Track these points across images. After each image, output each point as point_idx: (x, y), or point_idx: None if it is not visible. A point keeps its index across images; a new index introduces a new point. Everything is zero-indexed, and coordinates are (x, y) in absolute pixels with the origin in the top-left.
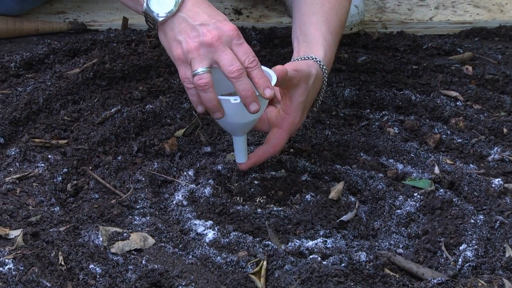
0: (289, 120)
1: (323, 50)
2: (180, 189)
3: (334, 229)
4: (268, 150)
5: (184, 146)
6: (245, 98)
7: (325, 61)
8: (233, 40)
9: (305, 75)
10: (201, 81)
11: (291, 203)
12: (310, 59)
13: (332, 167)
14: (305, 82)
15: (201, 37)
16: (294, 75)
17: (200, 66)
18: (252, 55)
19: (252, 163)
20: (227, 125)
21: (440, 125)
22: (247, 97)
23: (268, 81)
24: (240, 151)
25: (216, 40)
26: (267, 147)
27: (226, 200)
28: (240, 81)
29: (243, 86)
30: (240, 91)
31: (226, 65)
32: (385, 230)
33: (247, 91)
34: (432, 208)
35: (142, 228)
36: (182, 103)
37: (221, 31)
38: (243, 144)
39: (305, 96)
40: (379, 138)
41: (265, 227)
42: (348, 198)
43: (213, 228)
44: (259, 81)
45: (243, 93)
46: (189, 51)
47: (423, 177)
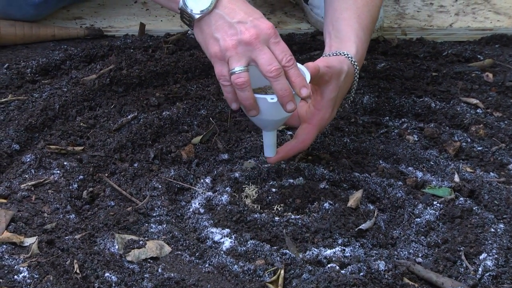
0: (319, 115)
1: (355, 47)
2: (197, 196)
3: (352, 238)
4: (297, 145)
5: (201, 153)
6: (283, 97)
7: (357, 57)
8: (271, 38)
9: (336, 72)
10: (239, 80)
11: (309, 211)
12: (341, 55)
13: (350, 175)
14: (337, 78)
15: (239, 35)
16: (325, 71)
17: (238, 65)
18: (289, 53)
19: (280, 157)
20: (260, 121)
21: (460, 133)
22: (285, 96)
23: (305, 80)
24: (269, 145)
25: (254, 38)
26: (296, 142)
27: (243, 208)
28: (278, 81)
29: (281, 86)
30: (278, 91)
31: (264, 64)
32: (404, 238)
33: (284, 91)
34: (451, 217)
35: (158, 236)
36: (199, 110)
37: (259, 29)
38: (273, 138)
39: (336, 92)
40: (398, 145)
41: (283, 236)
42: (366, 206)
43: (230, 236)
44: (295, 80)
45: (280, 93)
46: (227, 49)
47: (442, 185)
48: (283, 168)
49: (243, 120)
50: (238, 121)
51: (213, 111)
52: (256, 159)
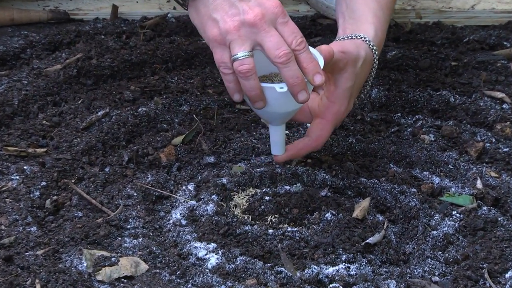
0: (333, 109)
1: (373, 28)
2: (178, 206)
3: (358, 253)
4: (310, 143)
5: (183, 156)
6: (294, 86)
7: (376, 41)
8: (278, 18)
9: (353, 58)
10: (243, 67)
11: (308, 222)
12: (358, 38)
13: (356, 180)
14: (353, 65)
15: (241, 15)
16: (340, 57)
17: (242, 50)
18: (299, 35)
19: (289, 156)
20: (267, 114)
21: (483, 132)
22: (296, 85)
23: (318, 65)
24: (277, 142)
25: (259, 19)
26: (308, 140)
27: (231, 219)
28: (288, 67)
29: (291, 72)
30: (288, 79)
31: (272, 48)
32: (419, 254)
33: (296, 78)
34: (473, 229)
35: (133, 251)
36: (181, 105)
37: (264, 8)
38: (281, 134)
39: (352, 82)
40: (412, 146)
41: (278, 251)
42: (375, 217)
43: (216, 252)
44: (308, 65)
45: (291, 81)
46: (228, 31)
47: (463, 192)
48: (278, 173)
49: (231, 117)
50: (226, 118)
51: (197, 107)
52: (246, 162)
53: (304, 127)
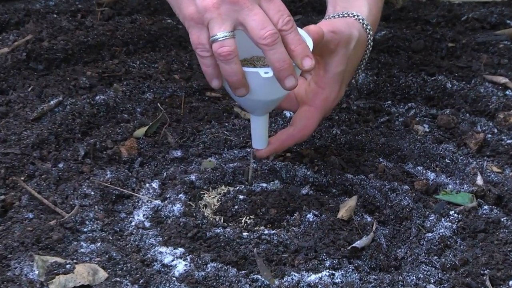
0: (323, 95)
1: (367, 5)
2: (141, 206)
3: (344, 259)
4: (295, 133)
5: (146, 150)
6: (280, 71)
7: (370, 19)
8: None
9: (344, 38)
10: (223, 49)
11: (287, 224)
12: (350, 16)
13: (341, 177)
14: (345, 46)
15: None
16: (330, 38)
17: (222, 30)
18: (286, 13)
19: (273, 149)
20: (249, 102)
21: (484, 121)
22: (283, 69)
23: (307, 48)
24: (259, 134)
25: None
26: (293, 129)
27: (201, 221)
28: (274, 49)
29: (278, 55)
30: (274, 62)
31: (255, 28)
32: (412, 259)
33: (283, 62)
34: (473, 231)
35: (90, 257)
36: (143, 93)
37: None
38: (263, 125)
39: (344, 65)
40: (404, 138)
41: (253, 257)
42: (363, 217)
43: (184, 258)
44: (296, 48)
45: (277, 65)
46: (206, 9)
47: (461, 189)
48: (253, 169)
49: (201, 106)
50: (195, 107)
51: (161, 94)
52: (218, 156)
53: (284, 116)
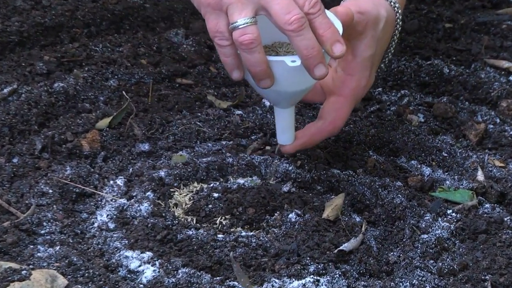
0: (352, 83)
1: None
2: (105, 205)
3: (330, 263)
4: (325, 127)
5: (110, 143)
6: (309, 59)
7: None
8: None
9: (372, 19)
10: (245, 37)
11: (267, 225)
12: None
13: (327, 172)
14: (373, 28)
15: None
16: (358, 19)
17: (242, 16)
18: None
19: (300, 144)
20: (273, 94)
21: (485, 110)
22: (312, 57)
23: (337, 32)
24: (285, 128)
25: None
26: (323, 123)
27: (171, 222)
28: (301, 35)
29: (306, 42)
30: (302, 50)
31: (280, 12)
32: (405, 264)
33: (311, 49)
34: (473, 232)
35: (49, 263)
36: (107, 80)
37: None
38: (289, 118)
39: (373, 49)
40: (396, 129)
41: (229, 261)
42: (351, 217)
43: (152, 263)
44: (325, 33)
45: (305, 52)
46: None
47: (460, 186)
48: (229, 164)
49: (170, 95)
50: (164, 95)
51: (127, 81)
52: (190, 150)
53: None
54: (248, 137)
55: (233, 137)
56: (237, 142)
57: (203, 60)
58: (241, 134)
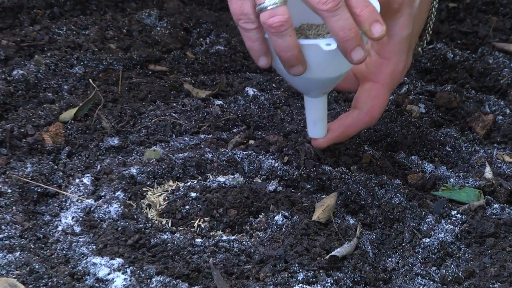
0: (389, 67)
1: None
2: (70, 206)
3: (321, 271)
4: (361, 118)
5: (76, 137)
6: (346, 41)
7: None
8: None
9: None
10: (275, 19)
11: (250, 228)
12: None
13: (317, 169)
14: (409, 5)
15: None
16: None
17: None
18: None
19: (334, 137)
20: (305, 81)
21: (493, 100)
22: (349, 40)
23: (376, 11)
24: (316, 120)
25: None
26: (359, 113)
27: (144, 225)
28: (337, 15)
29: (342, 22)
30: (338, 31)
31: None
32: (405, 271)
33: (348, 30)
34: (480, 235)
35: (8, 270)
36: (71, 67)
37: None
38: (321, 108)
39: (410, 28)
40: (395, 121)
41: (209, 268)
42: (344, 219)
43: (123, 271)
44: (362, 12)
45: (342, 34)
46: None
47: (466, 184)
48: (208, 160)
49: (143, 83)
50: (136, 84)
51: (94, 68)
52: (164, 144)
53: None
54: (230, 130)
55: (212, 130)
56: (217, 136)
57: (179, 44)
58: (222, 126)
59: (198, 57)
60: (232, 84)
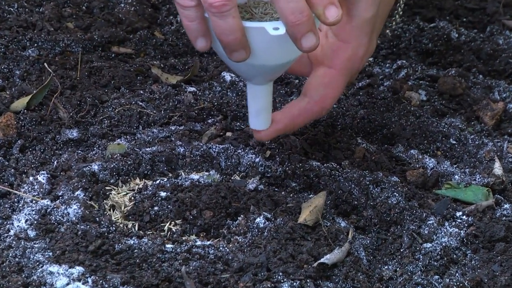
0: (347, 52)
1: None
2: (23, 208)
3: (308, 280)
4: (310, 107)
5: (29, 129)
6: (296, 26)
7: None
8: None
9: None
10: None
11: (228, 232)
12: None
13: (304, 165)
14: None
15: None
16: None
17: None
18: None
19: (278, 130)
20: (248, 68)
21: (503, 86)
22: (300, 24)
23: None
24: (259, 110)
25: None
26: (308, 102)
27: (108, 229)
28: None
29: (293, 4)
30: (288, 15)
31: None
32: (404, 280)
33: (299, 14)
34: (489, 240)
35: None
36: (24, 49)
37: None
38: (265, 97)
39: (375, 9)
40: (392, 110)
41: (181, 278)
42: (334, 222)
43: (84, 280)
44: None
45: (292, 18)
46: None
47: (472, 182)
48: (179, 155)
49: (105, 67)
50: (97, 68)
51: (49, 51)
52: (130, 137)
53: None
54: (204, 120)
55: (184, 121)
56: (189, 127)
57: (146, 23)
58: (195, 117)
59: (168, 38)
60: (207, 69)
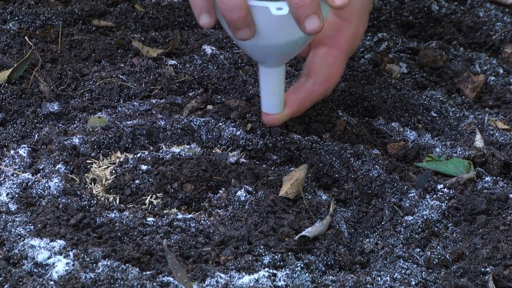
0: (349, 31)
1: None
2: (4, 181)
3: (290, 253)
4: (316, 88)
5: (10, 102)
6: (300, 7)
7: None
8: None
9: None
10: None
11: (209, 205)
12: None
13: (285, 138)
14: None
15: None
16: None
17: None
18: None
19: (290, 113)
20: (255, 48)
21: (484, 58)
22: (304, 5)
23: None
24: (272, 93)
25: None
26: (313, 83)
27: (89, 202)
28: None
29: None
30: None
31: None
32: (385, 253)
33: None
34: (470, 212)
35: None
36: (4, 22)
37: None
38: (278, 81)
39: None
40: (372, 83)
41: (162, 251)
42: (315, 195)
43: (65, 254)
44: None
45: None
46: None
47: (453, 154)
48: (160, 128)
49: (86, 40)
50: (77, 41)
51: (30, 24)
52: (111, 110)
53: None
54: (185, 93)
55: (165, 94)
56: (170, 101)
57: None
58: (176, 90)
59: (149, 11)
60: (188, 42)
